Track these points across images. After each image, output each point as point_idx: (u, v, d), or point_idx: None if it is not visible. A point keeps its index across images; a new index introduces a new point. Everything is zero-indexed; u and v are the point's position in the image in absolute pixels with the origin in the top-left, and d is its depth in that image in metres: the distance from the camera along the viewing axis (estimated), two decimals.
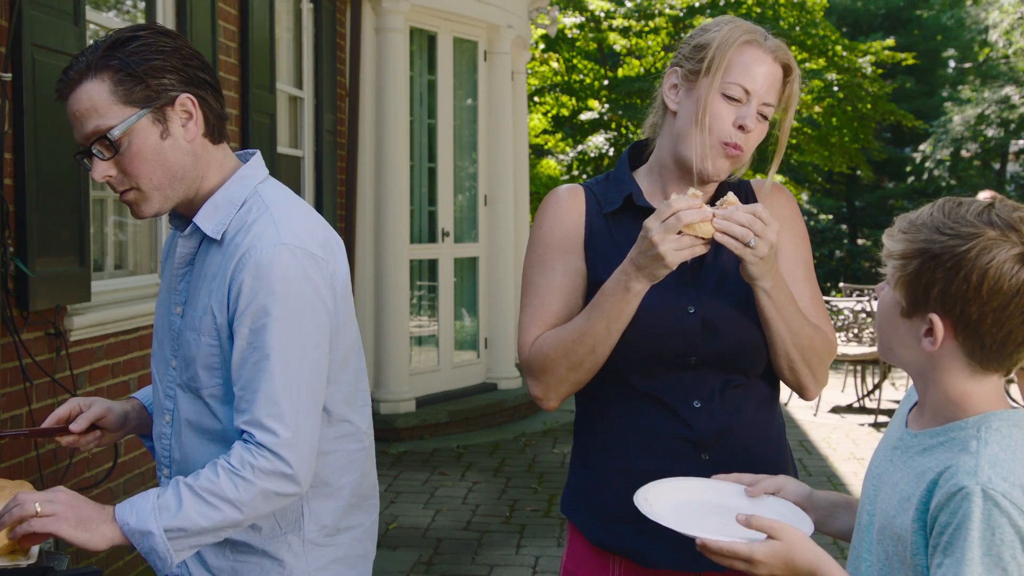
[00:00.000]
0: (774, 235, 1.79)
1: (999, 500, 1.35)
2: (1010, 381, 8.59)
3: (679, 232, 1.75)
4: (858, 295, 11.22)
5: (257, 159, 1.93)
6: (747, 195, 2.05)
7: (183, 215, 1.91)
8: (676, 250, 1.75)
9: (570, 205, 2.02)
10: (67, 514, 1.72)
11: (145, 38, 1.79)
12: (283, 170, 6.24)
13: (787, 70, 1.95)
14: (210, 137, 1.86)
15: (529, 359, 1.95)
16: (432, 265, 8.30)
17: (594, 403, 2.00)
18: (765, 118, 1.94)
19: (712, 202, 1.97)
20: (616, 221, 1.99)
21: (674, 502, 1.71)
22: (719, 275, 1.94)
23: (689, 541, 1.88)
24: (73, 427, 1.98)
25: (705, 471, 1.87)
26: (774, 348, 1.92)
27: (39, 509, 1.71)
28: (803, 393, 1.99)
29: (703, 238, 1.76)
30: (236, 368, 1.78)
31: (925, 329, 1.46)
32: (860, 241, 24.34)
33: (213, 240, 1.85)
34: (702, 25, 2.00)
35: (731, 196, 1.81)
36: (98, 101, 1.76)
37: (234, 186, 1.87)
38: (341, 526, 1.95)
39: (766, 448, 1.98)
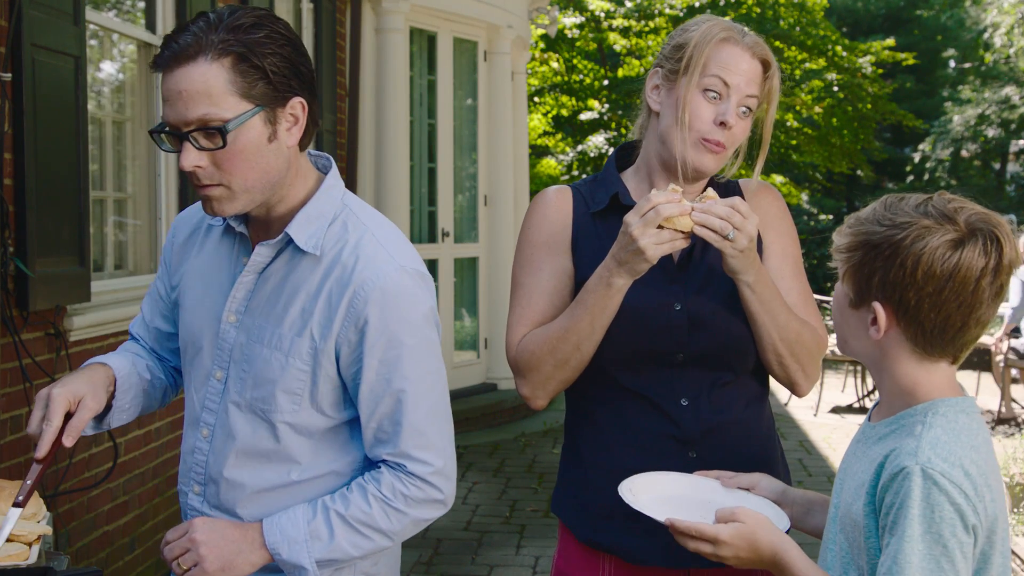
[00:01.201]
0: (753, 228, 1.80)
1: (938, 479, 1.40)
2: (1015, 380, 8.53)
3: (659, 226, 1.76)
4: None
5: (336, 168, 1.82)
6: (735, 194, 2.05)
7: (246, 218, 1.79)
8: (656, 244, 1.76)
9: (558, 206, 2.03)
10: (209, 557, 1.68)
11: (271, 28, 1.63)
12: None
13: (766, 65, 1.96)
14: (301, 145, 1.73)
15: (516, 358, 1.97)
16: (432, 265, 8.30)
17: (583, 401, 2.01)
18: (749, 111, 1.95)
19: None
20: (603, 221, 2.00)
21: (656, 495, 1.75)
22: (705, 272, 1.95)
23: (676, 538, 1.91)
24: (67, 443, 1.74)
25: (692, 469, 1.89)
26: (761, 343, 1.93)
27: (184, 567, 1.69)
28: (795, 389, 2.00)
29: (683, 232, 1.77)
30: (367, 400, 1.72)
31: (871, 318, 1.52)
32: None
33: (301, 253, 1.73)
34: (682, 25, 2.02)
35: (710, 191, 1.82)
36: (214, 86, 1.59)
37: (324, 198, 1.75)
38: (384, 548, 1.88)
39: (754, 446, 1.99)
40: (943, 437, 1.46)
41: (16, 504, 1.72)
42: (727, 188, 2.06)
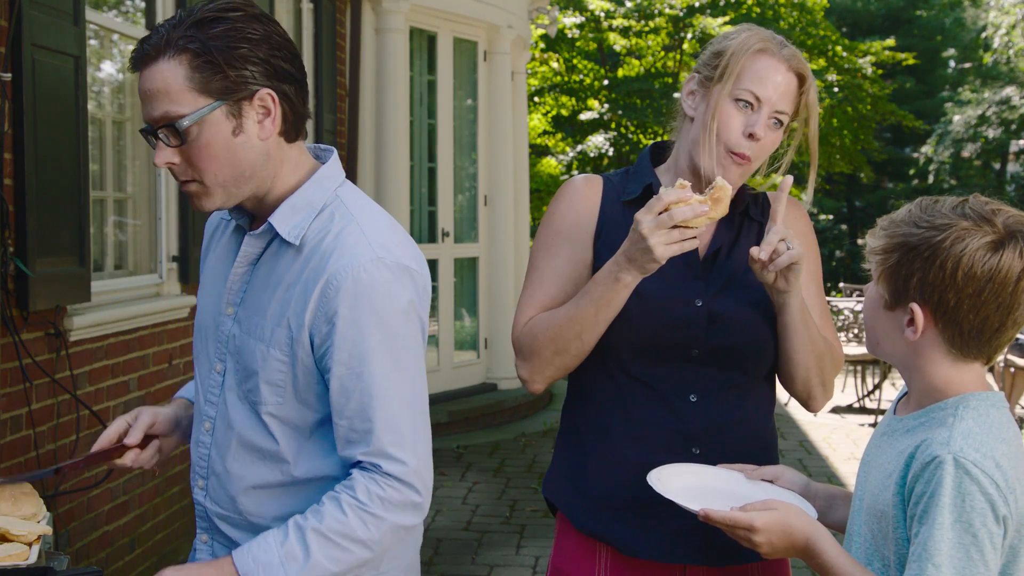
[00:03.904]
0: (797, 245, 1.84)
1: (970, 468, 1.42)
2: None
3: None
4: (858, 295, 11.23)
5: (336, 159, 1.79)
6: (763, 204, 2.07)
7: (247, 211, 1.78)
8: (665, 244, 1.76)
9: (585, 194, 2.03)
10: None
11: (233, 21, 1.63)
12: None
13: (802, 79, 1.96)
14: (285, 136, 1.70)
15: (519, 339, 1.98)
16: (432, 265, 8.29)
17: (588, 387, 2.01)
18: (780, 124, 1.95)
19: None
20: (633, 210, 1.98)
21: (683, 485, 1.77)
22: (729, 272, 1.96)
23: (676, 534, 1.91)
24: (128, 440, 1.81)
25: None
26: (794, 357, 1.93)
27: None
28: (811, 404, 2.01)
29: (693, 227, 1.77)
30: (338, 396, 1.66)
31: (907, 319, 1.53)
32: (860, 241, 24.34)
33: (287, 244, 1.72)
34: (723, 33, 2.03)
35: (719, 181, 1.80)
36: (172, 84, 1.60)
37: (313, 188, 1.73)
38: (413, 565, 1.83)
39: (758, 450, 1.99)
40: (975, 429, 1.47)
41: (57, 471, 1.80)
42: (755, 200, 2.06)
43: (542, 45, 15.19)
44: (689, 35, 14.60)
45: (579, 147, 14.99)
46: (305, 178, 1.74)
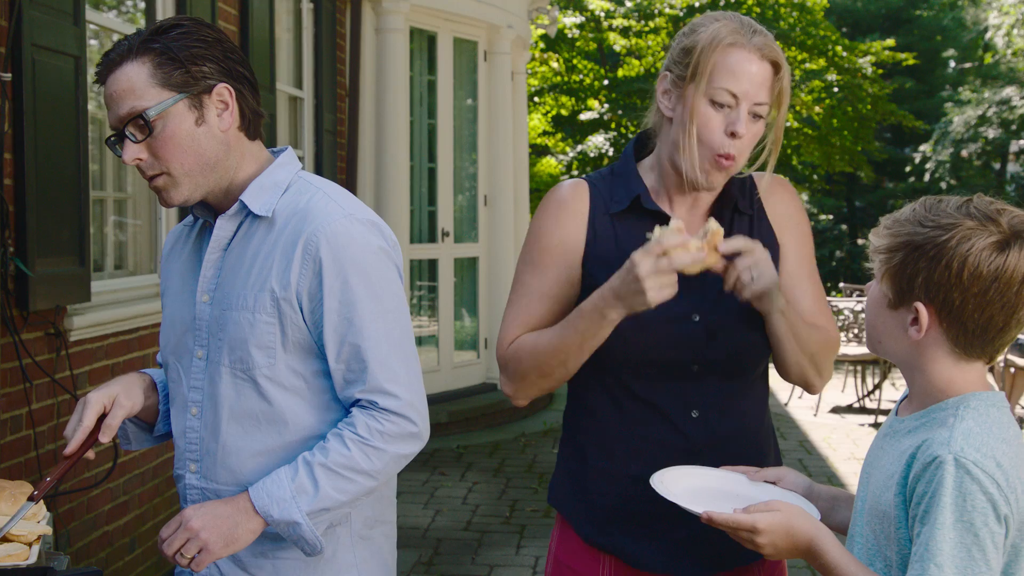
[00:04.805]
0: (766, 264, 1.81)
1: (970, 468, 1.43)
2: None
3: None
4: (858, 295, 11.23)
5: (290, 152, 1.95)
6: (750, 190, 2.02)
7: (210, 206, 1.90)
8: (659, 289, 1.74)
9: (572, 208, 1.97)
10: (211, 539, 1.74)
11: (188, 27, 1.81)
12: None
13: (776, 67, 1.89)
14: (245, 131, 1.86)
15: (505, 358, 1.97)
16: (432, 265, 8.30)
17: (589, 402, 1.99)
18: (760, 117, 1.89)
19: (713, 209, 1.98)
20: (622, 222, 1.95)
21: (686, 488, 1.77)
22: (721, 282, 1.93)
23: (678, 545, 1.90)
24: (104, 439, 1.87)
25: None
26: (787, 359, 1.93)
27: (188, 555, 1.74)
28: (809, 389, 2.00)
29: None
30: (332, 342, 1.80)
31: (911, 318, 1.54)
32: (860, 241, 24.34)
33: (259, 221, 1.85)
34: (690, 24, 1.94)
35: (712, 223, 1.78)
36: (137, 82, 1.75)
37: (278, 170, 1.88)
38: (379, 518, 1.95)
39: (756, 453, 1.98)
40: (975, 429, 1.48)
41: (31, 498, 1.81)
42: (742, 184, 2.01)
43: (542, 45, 15.20)
44: None
45: (579, 147, 15.00)
46: (265, 166, 1.89)
